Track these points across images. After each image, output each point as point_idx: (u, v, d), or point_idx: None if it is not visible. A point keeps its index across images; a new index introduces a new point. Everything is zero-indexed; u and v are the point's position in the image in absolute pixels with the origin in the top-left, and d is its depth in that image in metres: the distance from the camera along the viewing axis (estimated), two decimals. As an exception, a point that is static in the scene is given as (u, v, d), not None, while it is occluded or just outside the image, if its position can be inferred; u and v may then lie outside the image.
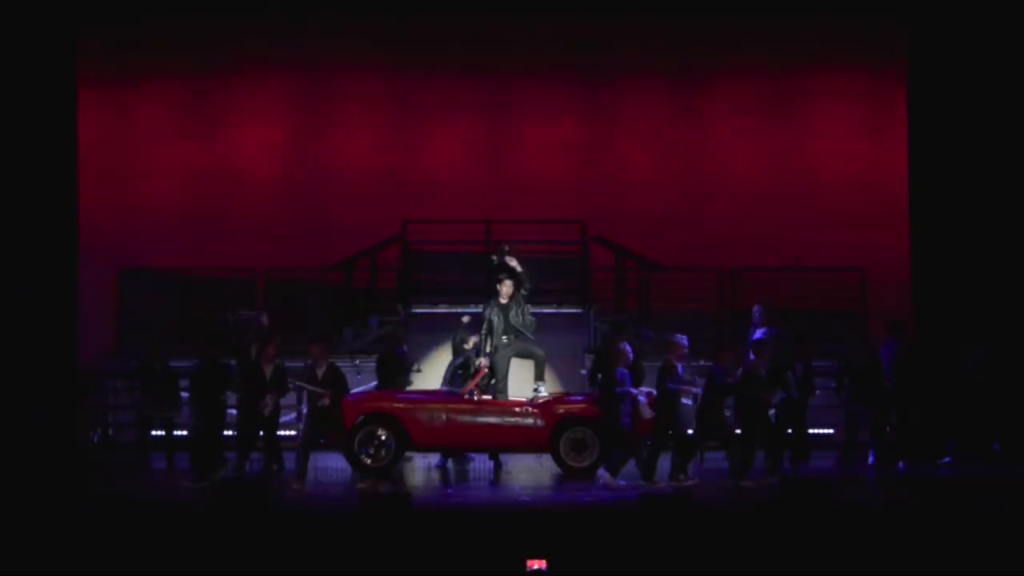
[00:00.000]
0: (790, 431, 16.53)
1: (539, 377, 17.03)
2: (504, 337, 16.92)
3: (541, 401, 16.76)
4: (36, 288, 18.72)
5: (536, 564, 12.04)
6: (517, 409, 16.76)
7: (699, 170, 21.20)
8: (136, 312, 20.08)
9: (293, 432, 17.73)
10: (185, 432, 17.21)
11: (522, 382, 17.32)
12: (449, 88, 21.28)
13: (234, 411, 16.41)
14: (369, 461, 16.57)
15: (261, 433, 16.20)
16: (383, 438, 16.62)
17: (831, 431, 18.34)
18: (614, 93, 21.26)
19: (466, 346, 17.89)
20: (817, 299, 20.20)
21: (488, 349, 16.99)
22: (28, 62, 18.66)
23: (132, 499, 12.64)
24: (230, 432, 16.42)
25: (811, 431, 17.12)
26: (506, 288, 16.98)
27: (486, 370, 16.94)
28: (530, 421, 16.70)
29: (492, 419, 16.70)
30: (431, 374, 19.06)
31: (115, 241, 20.56)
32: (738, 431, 15.99)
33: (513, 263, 17.17)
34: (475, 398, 16.76)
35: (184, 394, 17.36)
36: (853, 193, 21.05)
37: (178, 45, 21.01)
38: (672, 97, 21.28)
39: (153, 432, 17.71)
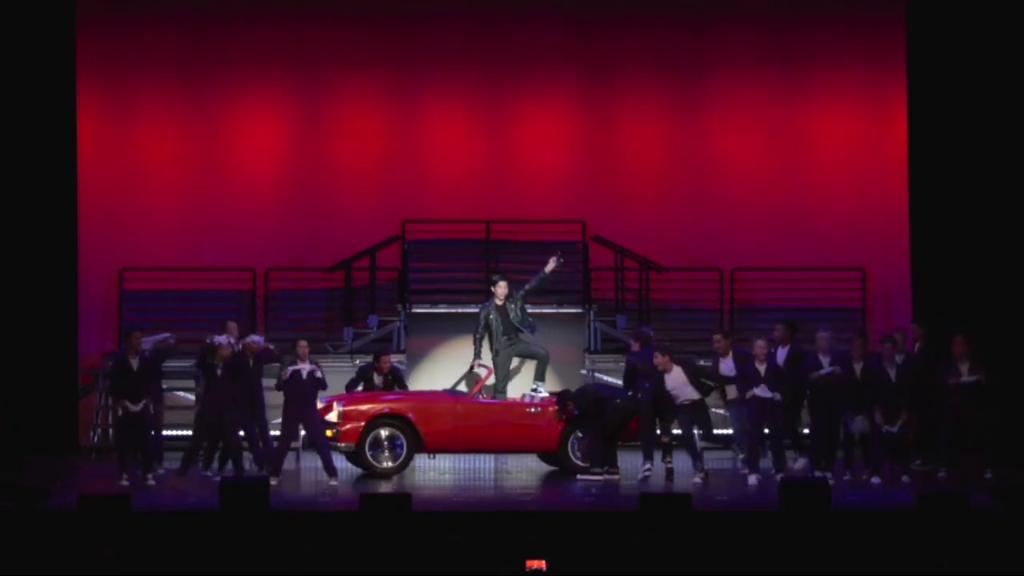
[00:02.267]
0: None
1: (539, 377, 17.04)
2: (505, 338, 16.92)
3: (547, 401, 16.77)
4: (36, 288, 18.73)
5: (536, 564, 12.04)
6: (528, 410, 16.77)
7: (700, 170, 21.13)
8: (136, 312, 20.04)
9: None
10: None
11: (522, 382, 17.35)
12: (450, 88, 21.22)
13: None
14: (380, 463, 16.54)
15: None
16: (394, 440, 16.60)
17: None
18: (614, 93, 21.20)
19: (377, 378, 17.38)
20: (817, 299, 20.18)
21: (487, 351, 17.02)
22: (28, 61, 18.67)
23: (131, 499, 12.60)
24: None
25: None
26: (501, 290, 16.99)
27: (491, 372, 16.95)
28: (540, 422, 16.70)
29: (503, 420, 16.71)
30: (431, 375, 19.07)
31: (115, 241, 20.52)
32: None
33: (550, 267, 17.25)
34: (482, 399, 16.80)
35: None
36: (854, 193, 21.00)
37: (178, 45, 20.96)
38: (673, 97, 21.23)
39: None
